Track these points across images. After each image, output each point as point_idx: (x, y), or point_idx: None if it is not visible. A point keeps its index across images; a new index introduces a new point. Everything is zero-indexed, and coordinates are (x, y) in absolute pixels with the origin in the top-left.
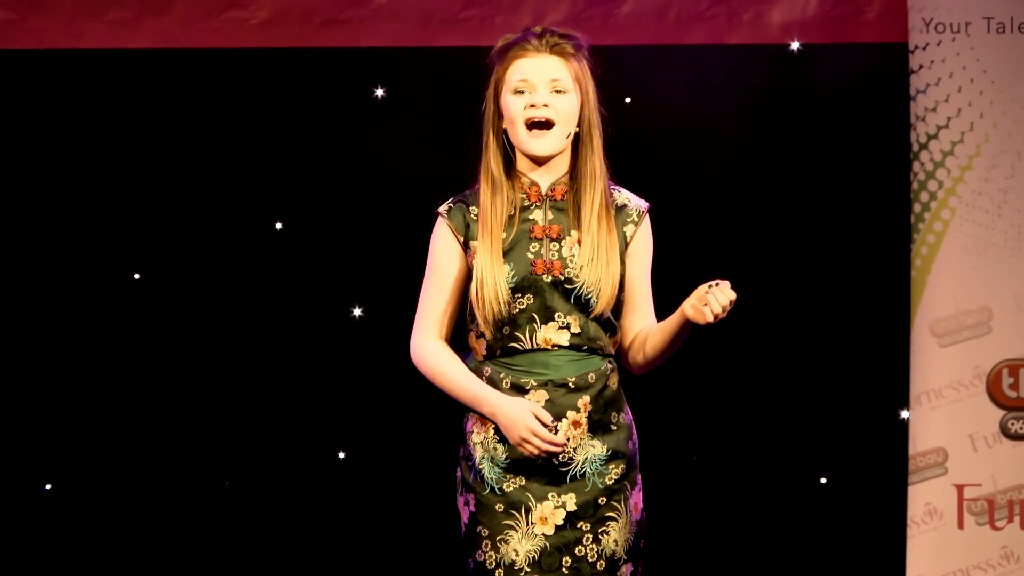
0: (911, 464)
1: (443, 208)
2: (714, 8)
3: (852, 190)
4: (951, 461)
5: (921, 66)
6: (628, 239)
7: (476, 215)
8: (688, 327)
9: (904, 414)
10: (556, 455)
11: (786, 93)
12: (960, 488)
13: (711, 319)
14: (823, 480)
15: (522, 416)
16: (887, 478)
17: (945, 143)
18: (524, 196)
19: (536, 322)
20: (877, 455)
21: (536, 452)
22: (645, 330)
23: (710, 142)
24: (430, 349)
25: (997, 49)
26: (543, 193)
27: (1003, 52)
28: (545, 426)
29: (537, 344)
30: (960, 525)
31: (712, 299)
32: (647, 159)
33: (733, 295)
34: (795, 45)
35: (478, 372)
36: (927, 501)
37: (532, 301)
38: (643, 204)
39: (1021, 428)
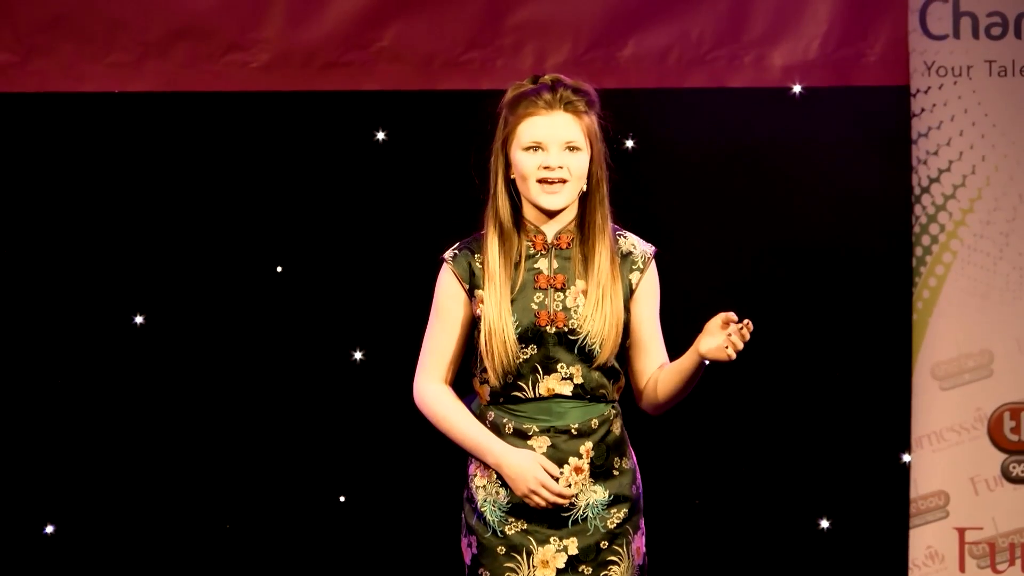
0: (912, 507)
1: (448, 254)
2: (715, 51)
3: (854, 233)
4: (952, 504)
5: (923, 109)
6: (634, 286)
7: (481, 262)
8: (702, 366)
9: (905, 457)
10: (562, 506)
11: (788, 136)
12: (962, 531)
13: (733, 357)
14: (825, 524)
15: (531, 469)
16: (889, 521)
17: (947, 186)
18: (530, 244)
19: (539, 372)
20: (879, 498)
21: (544, 504)
22: (657, 372)
23: (711, 185)
24: (434, 394)
25: (999, 92)
26: (549, 242)
27: (1005, 95)
28: (552, 477)
29: (540, 394)
30: (962, 568)
31: (736, 339)
32: (648, 202)
33: (750, 328)
34: (796, 88)
35: (482, 416)
36: (928, 544)
37: (536, 352)
38: (649, 249)
39: (1023, 471)
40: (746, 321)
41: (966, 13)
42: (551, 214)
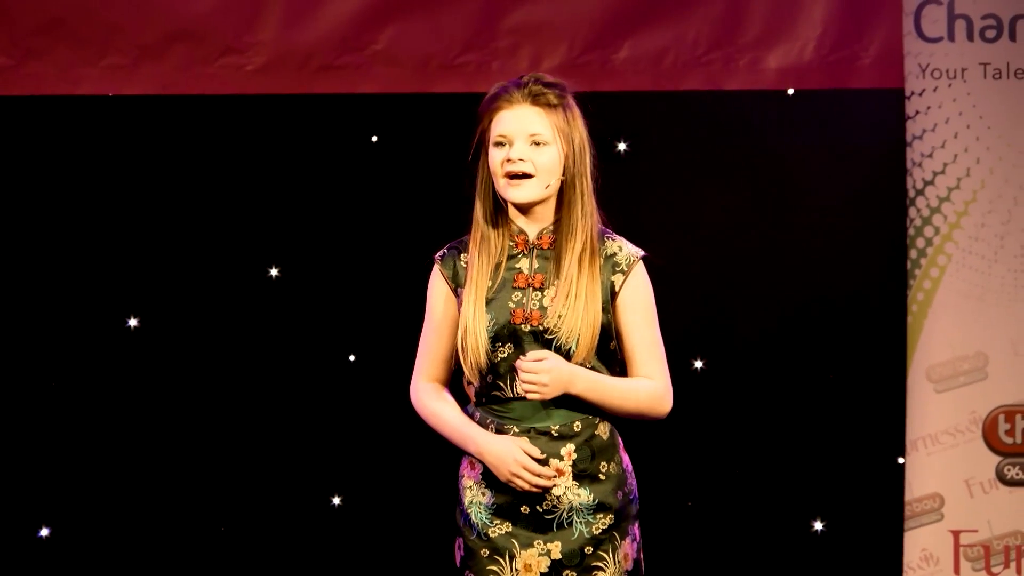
0: (907, 510)
1: (438, 254)
2: (710, 54)
3: (848, 235)
4: (947, 507)
5: (917, 112)
6: (616, 288)
7: (466, 262)
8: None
9: (900, 460)
10: (548, 489)
11: (782, 139)
12: (956, 534)
13: (528, 396)
14: (819, 526)
15: (510, 452)
16: (883, 524)
17: (941, 189)
18: (512, 244)
19: (516, 371)
20: (873, 501)
21: (526, 487)
22: None
23: (706, 188)
24: (424, 391)
25: (993, 95)
26: (531, 242)
27: (999, 98)
28: (535, 460)
29: (518, 393)
30: (956, 571)
31: (518, 379)
32: (642, 206)
33: (528, 367)
34: (791, 91)
35: (470, 417)
36: (923, 547)
37: (512, 351)
38: (637, 252)
39: (1017, 474)
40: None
41: (960, 16)
42: (524, 209)
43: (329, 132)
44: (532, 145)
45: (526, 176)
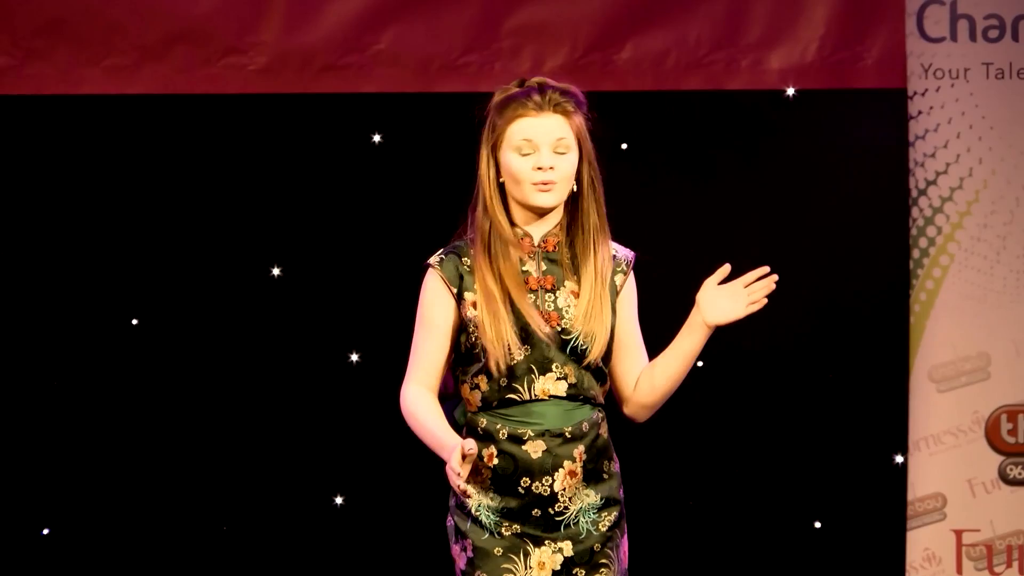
0: (909, 509)
1: (434, 259)
2: (712, 54)
3: (851, 235)
4: (950, 507)
5: (920, 112)
6: (618, 288)
7: (469, 266)
8: (701, 340)
9: (902, 459)
10: (556, 492)
11: (784, 139)
12: (959, 534)
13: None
14: (820, 525)
15: (450, 457)
16: (885, 524)
17: (944, 189)
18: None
19: (534, 373)
20: (875, 500)
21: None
22: (648, 370)
23: (708, 189)
24: (411, 395)
25: (996, 95)
26: (535, 245)
27: (1002, 98)
28: (468, 456)
29: (535, 395)
30: (959, 571)
31: (757, 292)
32: (644, 206)
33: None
34: (793, 91)
35: (473, 423)
36: (926, 547)
37: (530, 352)
38: (630, 254)
39: (1020, 474)
40: (765, 271)
41: (963, 16)
42: (541, 213)
43: (331, 132)
44: (556, 153)
45: (552, 183)
